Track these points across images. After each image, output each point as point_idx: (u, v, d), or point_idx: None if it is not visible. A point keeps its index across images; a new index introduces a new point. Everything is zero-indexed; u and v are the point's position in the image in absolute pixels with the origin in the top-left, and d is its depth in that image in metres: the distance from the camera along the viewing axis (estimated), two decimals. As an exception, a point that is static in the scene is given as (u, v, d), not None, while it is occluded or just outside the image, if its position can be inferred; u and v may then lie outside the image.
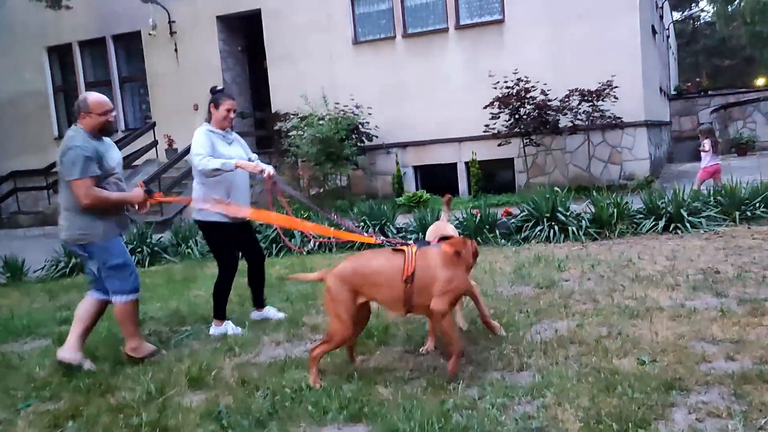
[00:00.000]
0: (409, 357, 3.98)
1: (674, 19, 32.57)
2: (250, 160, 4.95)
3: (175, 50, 15.82)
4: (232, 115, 4.89)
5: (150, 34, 15.84)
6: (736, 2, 35.88)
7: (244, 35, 16.15)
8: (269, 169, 4.77)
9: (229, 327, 4.96)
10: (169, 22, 15.68)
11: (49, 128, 17.64)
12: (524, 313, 4.65)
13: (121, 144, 15.09)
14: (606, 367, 3.50)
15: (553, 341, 3.96)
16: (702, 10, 45.32)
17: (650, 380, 3.26)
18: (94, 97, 4.28)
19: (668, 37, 23.87)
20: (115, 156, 4.40)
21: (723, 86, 34.59)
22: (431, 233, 4.49)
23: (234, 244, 5.02)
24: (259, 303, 5.29)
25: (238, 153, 4.93)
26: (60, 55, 17.72)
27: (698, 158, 11.48)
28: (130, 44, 16.74)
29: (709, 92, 26.04)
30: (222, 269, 4.98)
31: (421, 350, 4.03)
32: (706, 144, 10.48)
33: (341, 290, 3.54)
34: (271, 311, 5.28)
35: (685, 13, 41.35)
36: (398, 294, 3.51)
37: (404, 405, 3.19)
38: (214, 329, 4.95)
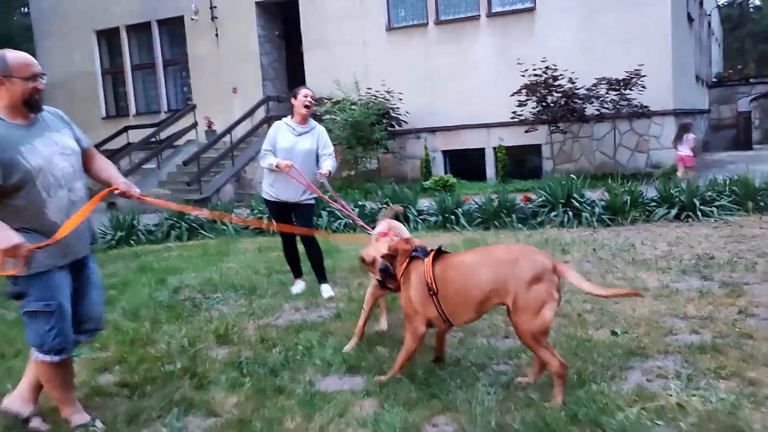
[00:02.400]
0: (409, 324, 4.47)
1: (719, 3, 31.80)
2: (320, 155, 5.54)
3: (216, 35, 16.45)
4: (308, 101, 5.51)
5: (192, 19, 16.53)
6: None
7: (282, 21, 16.68)
8: (286, 163, 5.29)
9: (297, 285, 5.76)
10: (211, 7, 16.32)
11: (97, 109, 18.58)
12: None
13: (163, 125, 15.92)
14: (581, 336, 3.94)
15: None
16: (751, -6, 44.05)
17: (617, 348, 3.69)
18: (16, 55, 3.00)
19: (709, 23, 23.47)
20: (43, 150, 3.01)
21: (768, 73, 33.73)
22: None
23: (281, 215, 5.63)
24: (317, 277, 5.75)
25: (301, 144, 5.50)
26: (108, 38, 18.58)
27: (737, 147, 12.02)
28: (174, 29, 17.46)
29: (751, 80, 25.55)
30: (280, 236, 5.85)
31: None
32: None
33: None
34: (323, 287, 5.65)
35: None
36: None
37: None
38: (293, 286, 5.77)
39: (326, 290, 5.57)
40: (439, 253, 3.41)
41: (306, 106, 5.50)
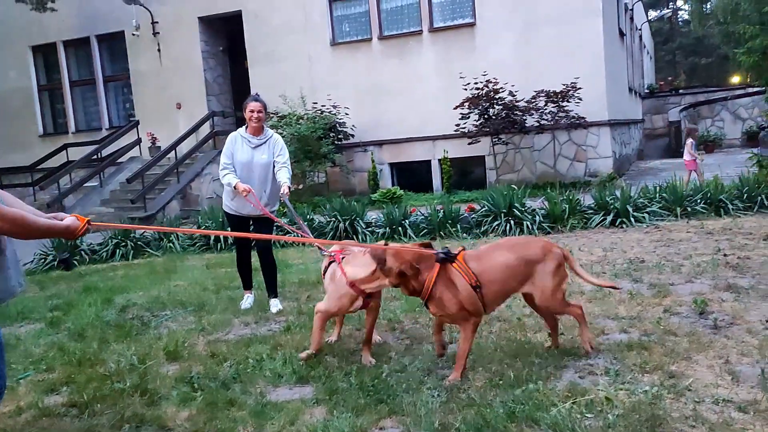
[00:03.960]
0: (358, 334, 4.60)
1: (649, 18, 33.36)
2: (275, 163, 5.51)
3: (158, 50, 16.30)
4: (255, 115, 5.44)
5: (133, 35, 16.33)
6: (710, 1, 36.80)
7: (226, 36, 16.66)
8: (244, 187, 5.26)
9: (246, 300, 5.77)
10: (152, 22, 16.17)
11: (34, 126, 18.08)
12: (465, 297, 5.27)
13: (104, 142, 15.64)
14: (521, 339, 4.15)
15: (483, 319, 4.59)
16: (679, 9, 46.34)
17: (553, 349, 3.91)
18: None
19: (641, 37, 24.61)
20: None
21: (699, 84, 35.59)
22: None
23: (240, 228, 5.63)
24: (268, 291, 5.74)
25: (258, 157, 5.48)
26: (45, 54, 18.15)
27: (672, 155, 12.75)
28: (114, 44, 17.21)
29: (680, 91, 26.94)
30: (235, 248, 5.88)
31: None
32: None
33: None
34: (272, 302, 5.65)
35: (660, 13, 42.25)
36: None
37: (347, 370, 3.82)
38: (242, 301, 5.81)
39: (275, 304, 5.61)
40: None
41: (252, 120, 5.44)
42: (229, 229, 5.97)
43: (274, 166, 5.54)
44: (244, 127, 5.59)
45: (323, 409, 3.35)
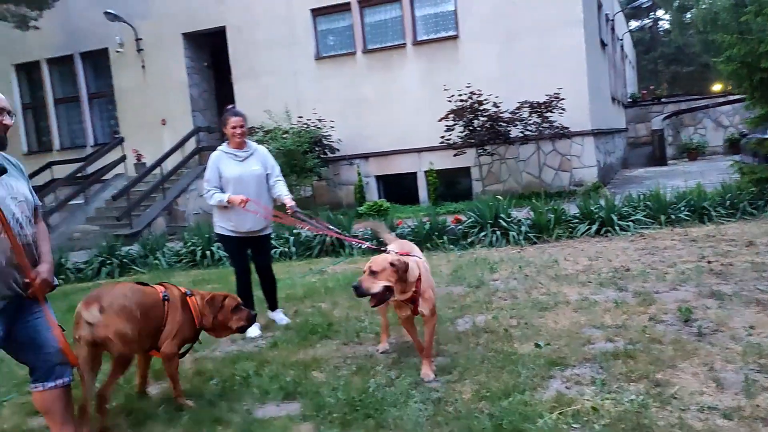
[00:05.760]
0: (345, 348, 4.60)
1: (630, 28, 33.81)
2: (269, 174, 5.36)
3: (143, 67, 16.27)
4: (238, 130, 5.22)
5: (117, 52, 16.29)
6: (690, 12, 37.42)
7: (210, 51, 16.66)
8: (241, 198, 5.07)
9: (252, 328, 5.36)
10: (136, 39, 16.14)
11: (17, 145, 17.91)
12: (452, 309, 5.29)
13: (89, 159, 15.55)
14: (507, 350, 4.16)
15: (469, 331, 4.62)
16: (659, 19, 47.05)
17: (540, 359, 3.93)
18: None
19: (622, 47, 24.92)
20: (19, 187, 3.09)
21: (681, 92, 36.09)
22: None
23: (241, 251, 5.40)
24: (270, 305, 5.62)
25: (249, 169, 5.25)
26: (28, 72, 18.05)
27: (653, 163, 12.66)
28: (98, 61, 17.15)
29: (662, 99, 27.28)
30: (235, 272, 5.48)
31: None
32: None
33: None
34: (278, 315, 5.60)
35: (641, 23, 42.84)
36: None
37: (334, 385, 3.81)
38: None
39: (280, 318, 5.51)
40: None
41: (236, 136, 5.22)
42: (230, 253, 5.62)
43: (267, 179, 5.37)
44: (224, 143, 5.35)
45: (311, 425, 3.34)
